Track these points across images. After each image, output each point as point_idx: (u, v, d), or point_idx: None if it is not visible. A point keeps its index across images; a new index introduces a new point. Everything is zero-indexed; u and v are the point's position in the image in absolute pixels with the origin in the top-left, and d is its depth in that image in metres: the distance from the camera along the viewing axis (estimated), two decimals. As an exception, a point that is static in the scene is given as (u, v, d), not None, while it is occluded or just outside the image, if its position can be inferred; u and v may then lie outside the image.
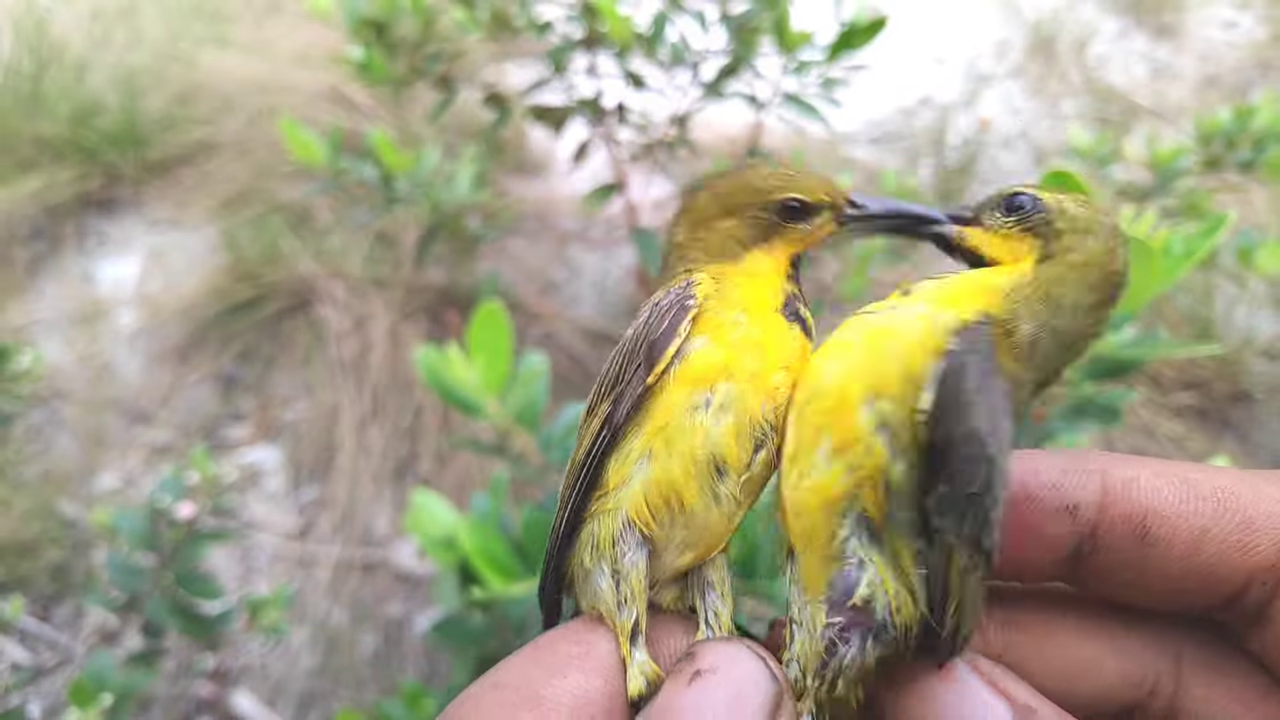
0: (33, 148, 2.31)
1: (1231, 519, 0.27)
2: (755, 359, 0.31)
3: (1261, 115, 1.42)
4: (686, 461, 0.29)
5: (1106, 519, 0.28)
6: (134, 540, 1.17)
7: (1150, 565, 0.27)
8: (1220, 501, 0.27)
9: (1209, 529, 0.27)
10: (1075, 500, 0.28)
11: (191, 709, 1.57)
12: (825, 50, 1.25)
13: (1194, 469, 0.28)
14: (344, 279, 2.07)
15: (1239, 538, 0.27)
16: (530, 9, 1.36)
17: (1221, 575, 0.27)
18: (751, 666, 0.27)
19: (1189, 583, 0.27)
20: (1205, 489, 0.27)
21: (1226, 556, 0.27)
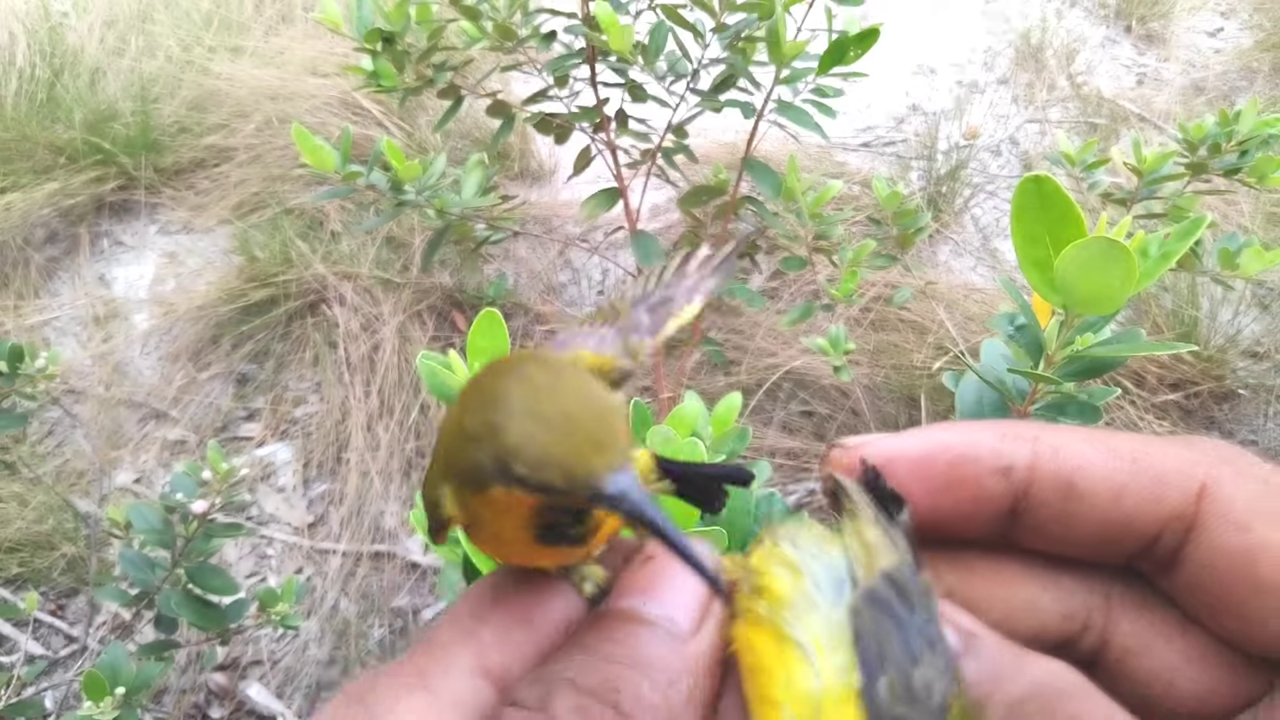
0: (48, 153, 2.36)
1: (1146, 475, 0.30)
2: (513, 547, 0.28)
3: (1245, 120, 1.46)
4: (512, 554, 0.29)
5: (1038, 478, 0.31)
6: (148, 535, 1.20)
7: (1077, 519, 0.30)
8: (1136, 460, 0.30)
9: (1127, 484, 0.30)
10: (1010, 462, 0.31)
11: (203, 699, 1.61)
12: (819, 60, 1.30)
13: (1114, 435, 0.31)
14: (353, 281, 2.12)
15: (1152, 491, 0.30)
16: (534, 20, 1.41)
17: (1138, 526, 0.30)
18: (697, 545, 0.30)
19: (1111, 532, 0.30)
20: (1124, 450, 0.31)
21: (1142, 508, 0.30)
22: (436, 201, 1.51)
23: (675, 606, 0.30)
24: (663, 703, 0.28)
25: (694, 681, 0.29)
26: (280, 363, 2.08)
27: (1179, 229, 0.77)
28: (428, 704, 0.28)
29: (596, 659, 0.28)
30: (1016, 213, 0.76)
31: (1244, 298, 2.05)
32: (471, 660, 0.29)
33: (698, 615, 0.30)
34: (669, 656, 0.29)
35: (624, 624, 0.30)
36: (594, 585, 0.31)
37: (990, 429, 0.32)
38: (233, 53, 2.65)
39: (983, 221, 2.35)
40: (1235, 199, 2.14)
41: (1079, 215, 0.73)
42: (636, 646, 0.29)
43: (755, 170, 1.48)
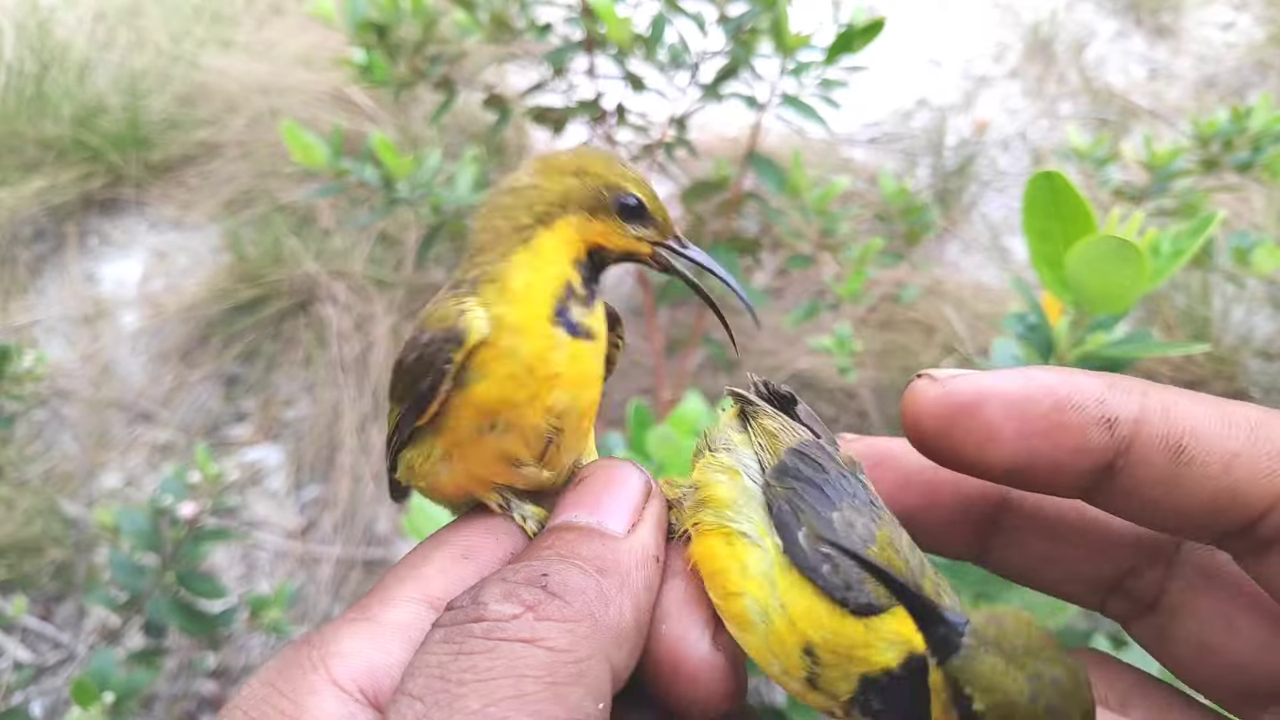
0: (36, 148, 2.33)
1: (1263, 446, 0.28)
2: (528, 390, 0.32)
3: (1259, 116, 1.43)
4: (485, 461, 0.33)
5: (1143, 435, 0.29)
6: (136, 540, 1.17)
7: (1182, 483, 0.29)
8: (1253, 429, 0.28)
9: (1241, 453, 0.28)
10: (1116, 414, 0.29)
11: (193, 707, 1.58)
12: (824, 52, 1.26)
13: (1231, 402, 0.30)
14: (346, 279, 2.09)
15: (1268, 464, 0.28)
16: (530, 11, 1.37)
17: (1248, 499, 0.28)
18: (621, 466, 0.33)
19: (1218, 502, 0.28)
20: (1239, 417, 0.29)
21: (1256, 481, 0.28)
22: (430, 198, 1.47)
23: (606, 513, 0.31)
24: (592, 586, 0.27)
25: (626, 573, 0.29)
26: (271, 363, 2.05)
27: (1191, 226, 0.74)
28: (370, 631, 0.28)
29: (526, 561, 0.29)
30: (1028, 209, 0.73)
31: (1256, 296, 2.02)
32: (412, 591, 0.30)
33: (629, 519, 0.31)
34: (599, 550, 0.29)
35: (554, 532, 0.31)
36: (536, 523, 0.33)
37: (1098, 378, 0.30)
38: (223, 46, 2.61)
39: (992, 218, 2.31)
40: (1248, 195, 2.10)
41: (1091, 212, 0.70)
42: (566, 545, 0.29)
43: (759, 165, 1.45)
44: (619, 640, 0.27)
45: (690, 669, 0.29)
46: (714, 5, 1.29)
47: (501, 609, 0.26)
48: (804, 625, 0.28)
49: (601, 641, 0.27)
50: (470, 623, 0.26)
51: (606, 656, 0.27)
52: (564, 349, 0.32)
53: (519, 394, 0.32)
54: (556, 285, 0.32)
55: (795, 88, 1.33)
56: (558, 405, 0.32)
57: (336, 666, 0.27)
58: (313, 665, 0.27)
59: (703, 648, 0.29)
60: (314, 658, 0.27)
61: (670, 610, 0.30)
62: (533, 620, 0.26)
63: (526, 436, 0.32)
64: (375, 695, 0.27)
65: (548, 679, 0.25)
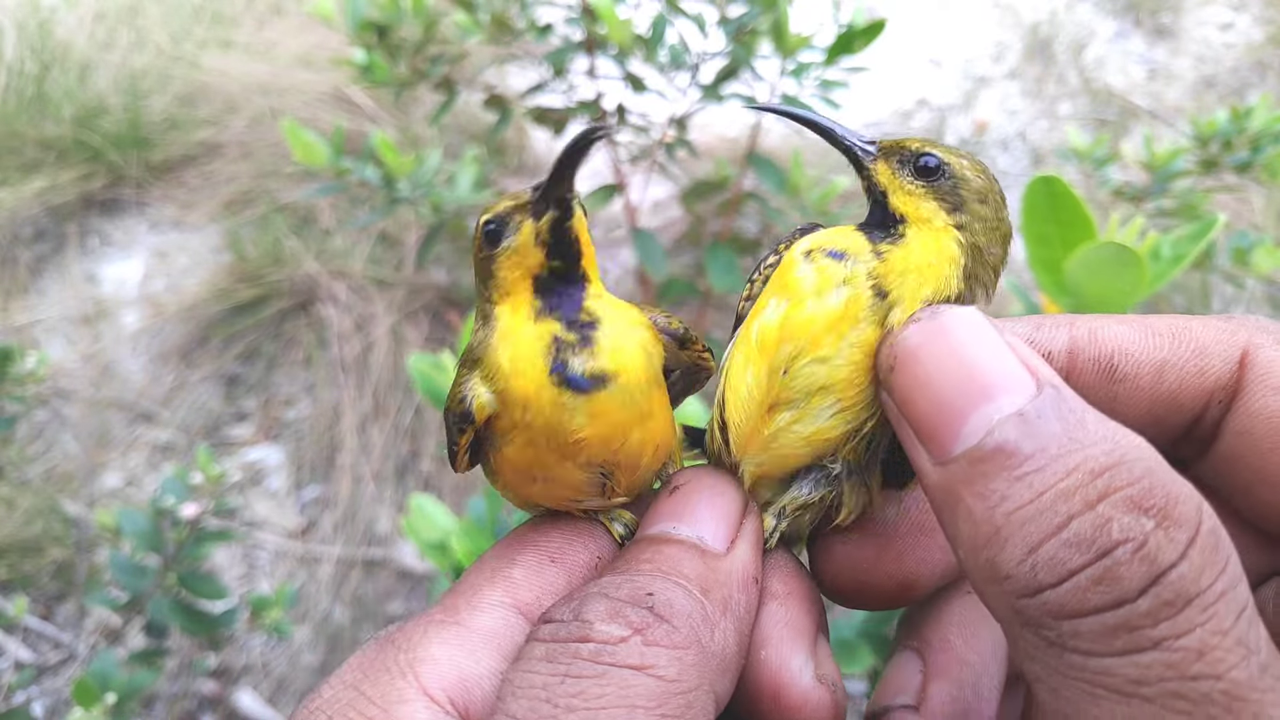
0: (37, 149, 2.33)
1: (1186, 348, 0.29)
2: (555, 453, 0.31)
3: (1258, 116, 1.43)
4: (545, 496, 0.33)
5: (1078, 363, 0.30)
6: (138, 540, 1.18)
7: (1121, 400, 0.30)
8: (1175, 335, 0.30)
9: (1168, 360, 0.29)
10: (1048, 349, 0.30)
11: (194, 707, 1.58)
12: (824, 53, 1.26)
13: (1150, 316, 0.31)
14: (346, 279, 2.09)
15: (1195, 363, 0.29)
16: (531, 11, 1.37)
17: (1183, 401, 0.29)
18: (720, 478, 0.32)
19: (1157, 411, 0.30)
20: (1160, 326, 0.30)
21: (1186, 382, 0.29)
22: (430, 198, 1.47)
23: (705, 527, 0.30)
24: (697, 610, 0.26)
25: (728, 595, 0.28)
26: (271, 363, 2.05)
27: (1191, 231, 0.74)
28: (460, 637, 0.27)
29: (627, 574, 0.28)
30: (1026, 213, 0.74)
31: (1256, 296, 2.02)
32: (502, 595, 0.29)
33: (728, 535, 0.30)
34: (702, 569, 0.28)
35: (653, 544, 0.30)
36: (623, 526, 0.32)
37: (1023, 321, 0.31)
38: (223, 46, 2.61)
39: (990, 219, 2.31)
40: (1247, 196, 2.11)
41: (1089, 217, 0.70)
42: (668, 561, 0.28)
43: (759, 165, 1.45)
44: (723, 669, 0.27)
45: (793, 700, 0.28)
46: (714, 6, 1.29)
47: (609, 630, 0.25)
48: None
49: (708, 670, 0.26)
50: (575, 642, 0.25)
51: (712, 686, 0.26)
52: (580, 410, 0.30)
53: (547, 458, 0.31)
54: (541, 344, 0.31)
55: (795, 88, 1.33)
56: (597, 458, 0.31)
57: (426, 674, 0.26)
58: (400, 670, 0.26)
59: (806, 678, 0.28)
60: (401, 662, 0.26)
61: (771, 635, 0.29)
62: (641, 645, 0.25)
63: (574, 484, 0.32)
64: (465, 707, 0.26)
65: (659, 710, 0.24)
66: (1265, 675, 0.22)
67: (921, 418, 0.27)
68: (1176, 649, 0.22)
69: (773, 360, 0.32)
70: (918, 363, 0.28)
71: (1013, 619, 0.24)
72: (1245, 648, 0.22)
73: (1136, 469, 0.23)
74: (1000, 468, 0.24)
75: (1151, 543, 0.22)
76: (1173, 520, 0.23)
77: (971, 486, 0.25)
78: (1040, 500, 0.24)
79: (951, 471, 0.26)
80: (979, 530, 0.24)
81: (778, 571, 0.31)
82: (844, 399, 0.31)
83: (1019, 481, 0.24)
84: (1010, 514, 0.24)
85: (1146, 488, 0.23)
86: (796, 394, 0.31)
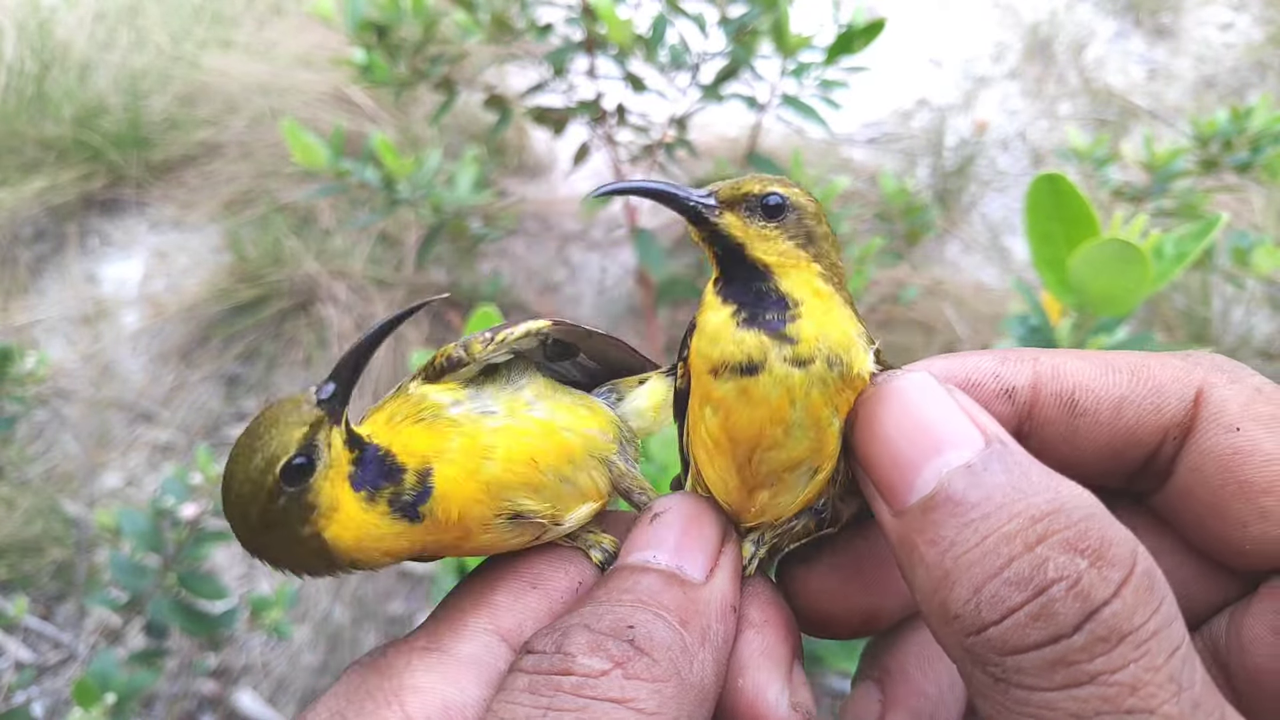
0: (37, 149, 2.32)
1: (1144, 385, 0.31)
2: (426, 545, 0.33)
3: (1258, 117, 1.43)
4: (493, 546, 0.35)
5: (1041, 397, 0.32)
6: (138, 540, 1.17)
7: (1081, 435, 0.31)
8: (1134, 373, 0.31)
9: (1127, 396, 0.31)
10: (1012, 384, 0.32)
11: (194, 707, 1.58)
12: (824, 52, 1.26)
13: (1112, 353, 0.33)
14: (346, 279, 2.09)
15: (1152, 401, 0.31)
16: (531, 11, 1.37)
17: (1141, 436, 0.31)
18: (700, 504, 0.33)
19: (1116, 445, 0.31)
20: (1120, 364, 0.32)
21: (1143, 418, 0.31)
22: (430, 198, 1.47)
23: (684, 556, 0.31)
24: (677, 642, 0.27)
25: (707, 625, 0.29)
26: (271, 363, 2.05)
27: (1194, 230, 0.74)
28: (443, 664, 0.28)
29: (608, 605, 0.28)
30: (1030, 211, 0.74)
31: (1256, 296, 2.02)
32: (484, 622, 0.29)
33: (707, 564, 0.31)
34: (681, 599, 0.29)
35: (633, 573, 0.30)
36: (602, 552, 0.33)
37: (989, 355, 0.33)
38: (223, 46, 2.60)
39: (992, 218, 2.31)
40: (1247, 196, 2.11)
41: (1093, 215, 0.70)
42: (647, 591, 0.29)
43: (759, 165, 1.45)
44: (701, 699, 0.27)
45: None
46: (714, 6, 1.29)
47: (590, 663, 0.26)
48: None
49: (686, 702, 0.26)
50: (558, 675, 0.25)
51: (690, 717, 0.26)
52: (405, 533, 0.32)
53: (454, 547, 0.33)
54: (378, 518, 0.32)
55: (795, 88, 1.33)
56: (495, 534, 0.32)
57: (410, 701, 0.26)
58: (385, 699, 0.26)
59: (781, 709, 0.29)
60: (387, 690, 0.27)
61: (748, 664, 0.30)
62: (622, 679, 0.25)
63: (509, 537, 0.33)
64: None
65: None
66: (1197, 712, 0.23)
67: (880, 473, 0.29)
68: (1111, 684, 0.23)
69: (733, 457, 0.32)
70: (875, 421, 0.30)
71: (964, 658, 0.26)
72: (1177, 684, 0.23)
73: (1075, 514, 0.25)
74: (949, 515, 0.26)
75: (1085, 581, 0.24)
76: (1106, 561, 0.24)
77: (924, 534, 0.26)
78: (985, 544, 0.25)
79: (907, 521, 0.27)
80: (931, 574, 0.26)
81: (755, 599, 0.32)
82: (815, 462, 0.32)
83: (966, 527, 0.26)
84: (958, 558, 0.25)
85: (1082, 531, 0.25)
86: (768, 477, 0.32)
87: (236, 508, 0.31)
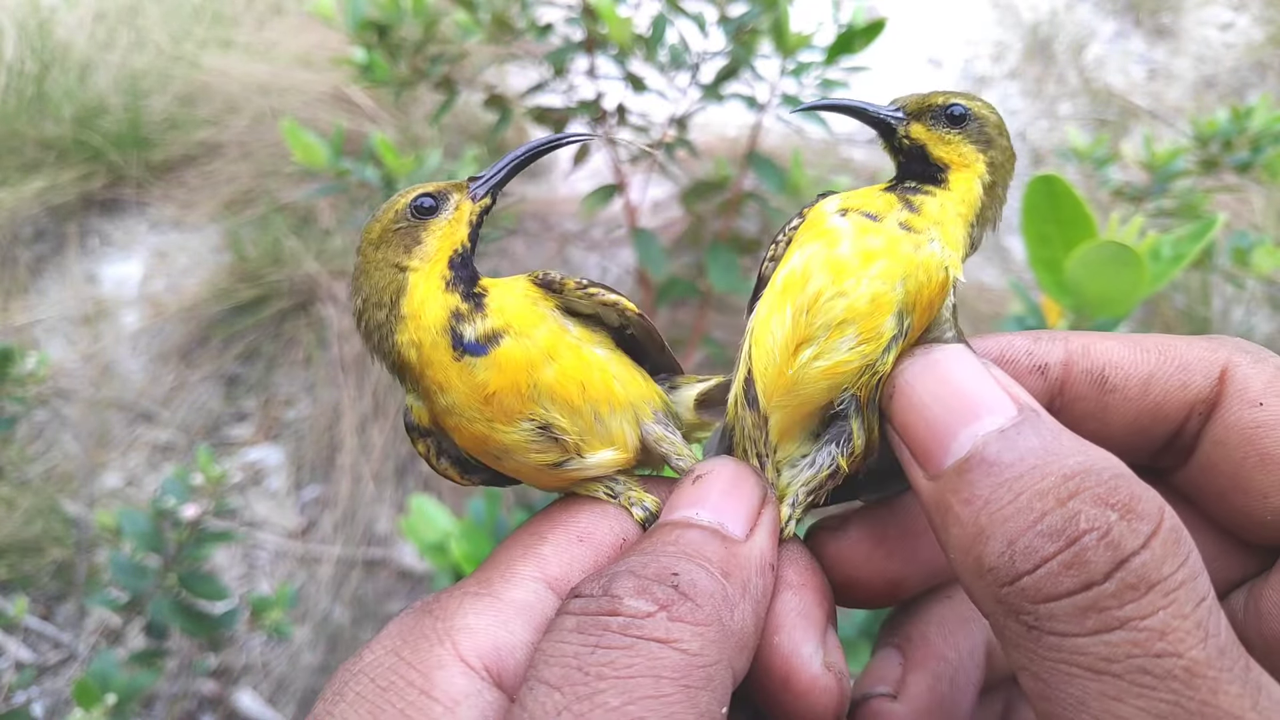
0: (36, 149, 2.33)
1: (1172, 363, 0.32)
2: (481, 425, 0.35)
3: (1258, 116, 1.43)
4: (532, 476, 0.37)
5: (1072, 374, 0.33)
6: (138, 540, 1.17)
7: (1110, 410, 0.33)
8: (1161, 351, 0.33)
9: (1154, 373, 0.32)
10: (1045, 361, 0.33)
11: (194, 707, 1.58)
12: (824, 52, 1.26)
13: (1140, 335, 0.34)
14: (346, 279, 2.09)
15: (1179, 377, 0.32)
16: (531, 11, 1.37)
17: (1167, 412, 0.32)
18: (741, 468, 0.34)
19: (1143, 421, 0.33)
20: (1149, 343, 0.33)
21: (1170, 394, 0.32)
22: (431, 198, 1.47)
23: (726, 514, 0.32)
24: (719, 590, 0.28)
25: (748, 578, 0.30)
26: (271, 363, 2.05)
27: (1191, 230, 0.74)
28: (494, 608, 0.29)
29: (653, 554, 0.29)
30: (1027, 213, 0.74)
31: (1256, 296, 2.02)
32: (533, 570, 0.31)
33: (748, 523, 0.32)
34: (723, 553, 0.30)
35: (677, 528, 0.31)
36: (644, 510, 0.35)
37: (1023, 335, 0.34)
38: (223, 46, 2.61)
39: (990, 218, 2.31)
40: (1247, 196, 2.11)
41: (1090, 216, 0.70)
42: (691, 544, 0.30)
43: (759, 165, 1.45)
44: (741, 647, 0.28)
45: (800, 684, 0.30)
46: (714, 6, 1.29)
47: (636, 604, 0.26)
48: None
49: (727, 647, 0.27)
50: (605, 615, 0.26)
51: (730, 662, 0.27)
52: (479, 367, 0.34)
53: (481, 428, 0.35)
54: (442, 319, 0.36)
55: (795, 88, 1.33)
56: (519, 409, 0.34)
57: (463, 642, 0.27)
58: (438, 638, 0.28)
59: (815, 665, 0.30)
60: (440, 629, 0.28)
61: (784, 622, 0.31)
62: (667, 620, 0.26)
63: (524, 446, 0.35)
64: (499, 673, 0.28)
65: (683, 681, 0.25)
66: (1223, 657, 0.24)
67: (916, 439, 0.30)
68: (1141, 629, 0.24)
69: (797, 301, 0.34)
70: (913, 391, 0.31)
71: (997, 609, 0.27)
72: (1204, 630, 0.24)
73: (1105, 474, 0.26)
74: (984, 475, 0.27)
75: (1115, 531, 0.25)
76: (1135, 514, 0.25)
77: (959, 494, 0.28)
78: (1019, 500, 0.27)
79: (942, 484, 0.29)
80: (966, 531, 0.27)
81: (793, 563, 0.33)
82: (862, 331, 0.33)
83: (1001, 486, 0.27)
84: (993, 514, 0.27)
85: (1113, 487, 0.26)
86: (818, 330, 0.34)
87: (368, 227, 0.37)
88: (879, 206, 0.35)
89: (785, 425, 0.35)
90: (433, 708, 0.26)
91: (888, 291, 0.33)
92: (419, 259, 0.37)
